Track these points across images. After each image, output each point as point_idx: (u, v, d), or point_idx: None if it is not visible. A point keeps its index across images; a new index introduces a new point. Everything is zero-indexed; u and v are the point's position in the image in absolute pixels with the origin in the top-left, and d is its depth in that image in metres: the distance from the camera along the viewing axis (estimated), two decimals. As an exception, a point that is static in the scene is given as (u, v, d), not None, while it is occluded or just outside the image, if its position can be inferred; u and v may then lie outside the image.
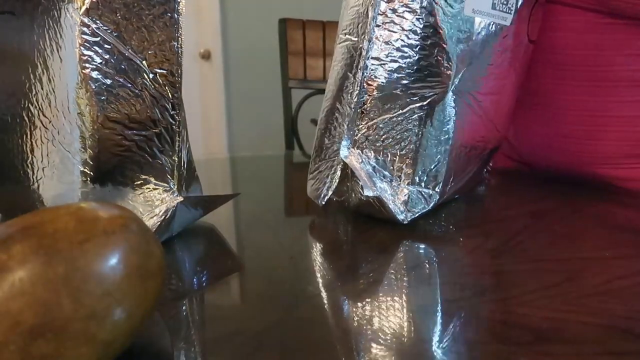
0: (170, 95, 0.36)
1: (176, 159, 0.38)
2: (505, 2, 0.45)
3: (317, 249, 0.41)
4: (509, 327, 0.28)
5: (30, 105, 0.35)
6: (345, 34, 0.45)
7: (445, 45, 0.42)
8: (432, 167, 0.45)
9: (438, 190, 0.46)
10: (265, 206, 0.53)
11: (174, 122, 0.37)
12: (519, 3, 0.47)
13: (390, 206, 0.43)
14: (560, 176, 0.61)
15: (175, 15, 0.36)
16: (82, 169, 0.35)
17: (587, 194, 0.56)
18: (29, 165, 0.36)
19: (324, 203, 0.46)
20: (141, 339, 0.26)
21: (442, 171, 0.46)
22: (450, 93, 0.44)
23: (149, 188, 0.37)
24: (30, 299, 0.19)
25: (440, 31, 0.42)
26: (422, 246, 0.41)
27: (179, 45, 0.36)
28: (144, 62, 0.35)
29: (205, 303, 0.32)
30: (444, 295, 0.32)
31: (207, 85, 2.08)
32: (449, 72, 0.43)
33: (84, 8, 0.33)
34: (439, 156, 0.46)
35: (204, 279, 0.35)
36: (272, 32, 1.29)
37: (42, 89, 0.35)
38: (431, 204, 0.46)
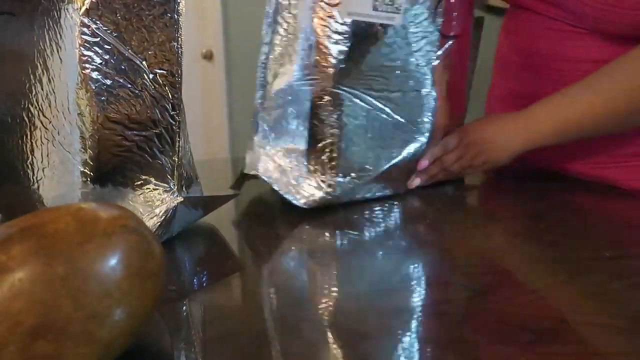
0: (170, 96, 0.37)
1: (176, 159, 0.38)
2: (390, 3, 0.45)
3: (316, 249, 0.41)
4: (509, 327, 0.28)
5: (30, 105, 0.35)
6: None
7: (322, 47, 0.45)
8: (324, 158, 0.48)
9: (340, 178, 0.49)
10: (265, 206, 0.53)
11: (174, 123, 0.37)
12: (414, 1, 0.47)
13: (281, 192, 0.49)
14: (560, 176, 0.61)
15: (175, 16, 0.36)
16: (82, 169, 0.35)
17: (587, 193, 0.56)
18: (29, 165, 0.36)
19: (245, 174, 0.54)
20: (141, 339, 0.26)
21: (340, 161, 0.48)
22: (336, 90, 0.47)
23: (149, 188, 0.37)
24: (30, 299, 0.19)
25: (317, 33, 0.45)
26: (422, 247, 0.41)
27: (179, 46, 0.36)
28: (144, 62, 0.35)
29: (205, 303, 0.32)
30: (445, 296, 0.32)
31: (209, 86, 2.07)
32: (329, 70, 0.46)
33: (83, 8, 0.33)
34: (330, 147, 0.48)
35: (204, 279, 0.35)
36: (272, 32, 1.29)
37: (42, 89, 0.35)
38: (337, 192, 0.48)
